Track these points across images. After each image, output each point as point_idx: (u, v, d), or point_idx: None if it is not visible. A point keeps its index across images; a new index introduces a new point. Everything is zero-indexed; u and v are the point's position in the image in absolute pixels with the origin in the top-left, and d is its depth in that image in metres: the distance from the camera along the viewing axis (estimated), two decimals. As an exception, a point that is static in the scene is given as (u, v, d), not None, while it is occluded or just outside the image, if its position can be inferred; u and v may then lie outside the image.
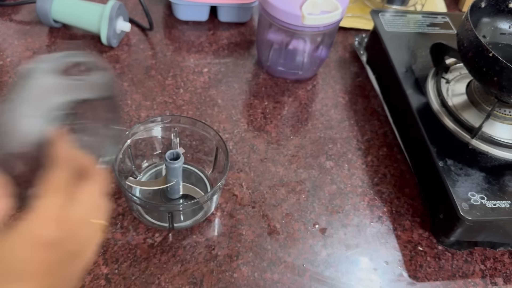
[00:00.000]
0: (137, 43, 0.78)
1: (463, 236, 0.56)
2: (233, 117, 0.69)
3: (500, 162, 0.58)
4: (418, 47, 0.73)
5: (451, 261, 0.56)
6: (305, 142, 0.67)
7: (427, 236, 0.58)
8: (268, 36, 0.72)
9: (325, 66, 0.79)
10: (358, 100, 0.75)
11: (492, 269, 0.56)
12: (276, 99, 0.73)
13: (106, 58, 0.75)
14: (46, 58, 0.35)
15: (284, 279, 0.53)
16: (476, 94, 0.63)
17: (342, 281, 0.53)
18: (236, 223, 0.57)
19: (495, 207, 0.53)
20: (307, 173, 0.63)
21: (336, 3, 0.66)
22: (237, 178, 0.61)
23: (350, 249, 0.56)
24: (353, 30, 0.86)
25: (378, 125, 0.71)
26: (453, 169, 0.56)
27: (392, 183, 0.64)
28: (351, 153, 0.67)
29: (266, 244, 0.55)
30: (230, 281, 0.52)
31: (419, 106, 0.64)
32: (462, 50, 0.59)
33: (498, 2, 0.63)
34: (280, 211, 0.59)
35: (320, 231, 0.57)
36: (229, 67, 0.77)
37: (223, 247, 0.54)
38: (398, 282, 0.54)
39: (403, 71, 0.68)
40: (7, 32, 0.76)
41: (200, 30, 0.82)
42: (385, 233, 0.58)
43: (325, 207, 0.60)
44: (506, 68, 0.52)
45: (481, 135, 0.59)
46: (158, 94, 0.70)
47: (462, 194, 0.54)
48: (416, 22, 0.77)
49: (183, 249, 0.54)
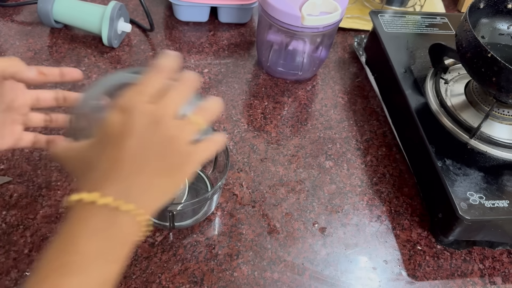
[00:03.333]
0: (138, 43, 0.79)
1: (461, 235, 0.56)
2: (233, 117, 0.69)
3: (498, 162, 0.58)
4: (417, 47, 0.73)
5: (449, 260, 0.57)
6: (304, 142, 0.67)
7: (426, 235, 0.59)
8: (268, 36, 0.72)
9: (325, 67, 0.80)
10: (357, 101, 0.75)
11: (490, 268, 0.57)
12: (276, 99, 0.73)
13: (107, 59, 0.75)
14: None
15: (284, 278, 0.53)
16: (474, 94, 0.64)
17: (342, 280, 0.54)
18: (236, 222, 0.57)
19: (494, 206, 0.53)
20: (307, 173, 0.64)
21: (335, 4, 0.66)
22: (237, 177, 0.62)
23: (349, 248, 0.57)
24: (352, 31, 0.87)
25: (377, 125, 0.71)
26: (451, 169, 0.57)
27: (391, 182, 0.64)
28: (351, 153, 0.67)
29: (266, 243, 0.56)
30: (230, 280, 0.52)
31: (418, 106, 0.64)
32: (461, 50, 0.59)
33: (496, 3, 0.63)
34: (280, 211, 0.59)
35: (320, 231, 0.58)
36: (229, 67, 0.77)
37: (223, 246, 0.55)
38: (397, 281, 0.54)
39: (402, 72, 0.69)
40: (8, 32, 0.77)
41: (200, 31, 0.83)
42: (384, 232, 0.59)
43: (324, 206, 0.60)
44: (504, 68, 0.52)
45: (479, 135, 0.59)
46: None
47: (460, 193, 0.54)
48: (415, 22, 0.78)
49: (183, 248, 0.54)
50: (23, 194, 0.56)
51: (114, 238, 0.32)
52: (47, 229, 0.53)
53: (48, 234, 0.53)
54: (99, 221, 0.32)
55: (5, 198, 0.56)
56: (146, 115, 0.34)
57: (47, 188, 0.57)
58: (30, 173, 0.58)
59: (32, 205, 0.55)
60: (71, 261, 0.30)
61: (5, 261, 0.50)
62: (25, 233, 0.53)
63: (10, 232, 0.53)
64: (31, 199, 0.56)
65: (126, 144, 0.33)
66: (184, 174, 0.36)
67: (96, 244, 0.31)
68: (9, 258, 0.51)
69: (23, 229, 0.53)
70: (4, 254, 0.51)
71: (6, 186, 0.57)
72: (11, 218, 0.54)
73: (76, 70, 0.45)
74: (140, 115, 0.34)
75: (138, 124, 0.34)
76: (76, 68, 0.45)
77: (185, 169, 0.36)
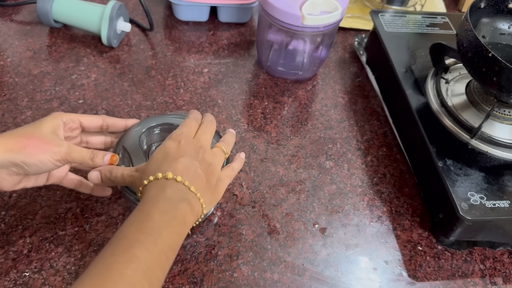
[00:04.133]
0: (138, 43, 0.79)
1: (462, 235, 0.56)
2: (233, 117, 0.69)
3: (499, 162, 0.58)
4: (417, 47, 0.73)
5: (450, 261, 0.57)
6: (305, 142, 0.67)
7: (427, 235, 0.59)
8: (268, 36, 0.72)
9: (325, 67, 0.79)
10: (358, 100, 0.75)
11: (491, 269, 0.56)
12: (276, 99, 0.73)
13: (106, 59, 0.75)
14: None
15: (284, 278, 0.53)
16: (475, 94, 0.63)
17: (342, 280, 0.54)
18: (236, 222, 0.57)
19: (495, 207, 0.53)
20: (307, 173, 0.63)
21: (335, 3, 0.66)
22: (237, 178, 0.61)
23: (349, 248, 0.56)
24: (353, 31, 0.87)
25: (378, 125, 0.71)
26: (452, 169, 0.56)
27: (391, 183, 0.64)
28: (351, 153, 0.67)
29: (266, 244, 0.55)
30: (230, 280, 0.52)
31: (418, 106, 0.64)
32: (462, 50, 0.59)
33: (497, 3, 0.63)
34: (280, 211, 0.59)
35: (320, 231, 0.58)
36: (229, 67, 0.77)
37: (223, 247, 0.54)
38: (397, 281, 0.54)
39: (403, 71, 0.68)
40: (7, 32, 0.77)
41: (200, 30, 0.83)
42: (384, 232, 0.58)
43: (325, 207, 0.60)
44: (505, 68, 0.52)
45: (480, 135, 0.59)
46: (159, 94, 0.71)
47: (461, 194, 0.54)
48: (416, 22, 0.77)
49: (183, 249, 0.54)
50: (22, 194, 0.56)
51: (180, 214, 0.41)
52: (46, 230, 0.53)
53: (47, 235, 0.53)
54: (172, 192, 0.42)
55: (4, 198, 0.55)
56: (193, 144, 0.47)
57: (46, 189, 0.57)
58: (29, 173, 0.58)
59: (31, 205, 0.55)
60: (146, 226, 0.39)
61: (4, 262, 0.50)
62: (24, 233, 0.53)
63: (9, 232, 0.53)
64: (30, 199, 0.56)
65: (181, 160, 0.44)
66: (219, 194, 0.47)
67: (167, 217, 0.40)
68: (8, 258, 0.51)
69: (22, 229, 0.53)
70: (3, 254, 0.51)
71: (5, 186, 0.57)
72: (10, 219, 0.54)
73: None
74: (189, 143, 0.46)
75: (188, 149, 0.46)
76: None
77: (219, 190, 0.47)
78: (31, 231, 0.53)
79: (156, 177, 0.43)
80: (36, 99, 0.67)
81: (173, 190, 0.42)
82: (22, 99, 0.67)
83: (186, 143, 0.46)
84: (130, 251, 0.37)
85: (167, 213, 0.40)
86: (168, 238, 0.39)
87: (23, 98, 0.67)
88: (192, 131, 0.48)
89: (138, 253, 0.36)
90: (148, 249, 0.37)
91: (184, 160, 0.44)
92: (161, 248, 0.38)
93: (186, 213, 0.42)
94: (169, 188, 0.42)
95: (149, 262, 0.37)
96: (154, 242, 0.38)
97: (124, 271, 0.35)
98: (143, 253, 0.37)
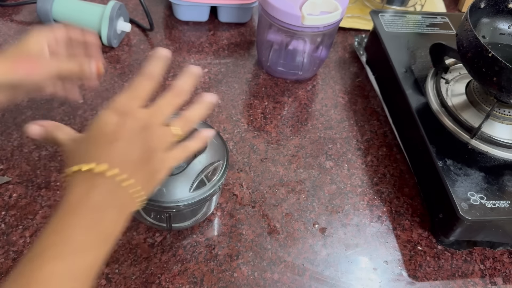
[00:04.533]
0: (138, 43, 0.79)
1: (462, 235, 0.56)
2: (233, 117, 0.69)
3: (499, 162, 0.58)
4: (417, 47, 0.73)
5: (450, 261, 0.57)
6: (305, 142, 0.67)
7: (427, 235, 0.59)
8: (268, 36, 0.72)
9: (325, 67, 0.79)
10: (358, 100, 0.75)
11: (491, 269, 0.56)
12: (276, 99, 0.73)
13: (106, 59, 0.75)
14: None
15: (284, 278, 0.53)
16: (475, 94, 0.63)
17: (342, 280, 0.54)
18: (236, 222, 0.57)
19: (495, 207, 0.53)
20: (307, 173, 0.63)
21: (335, 3, 0.66)
22: (237, 178, 0.62)
23: (349, 248, 0.56)
24: (353, 31, 0.87)
25: (378, 125, 0.71)
26: (452, 169, 0.56)
27: (391, 183, 0.64)
28: (351, 153, 0.67)
29: (266, 244, 0.55)
30: (230, 280, 0.52)
31: (418, 106, 0.64)
32: (462, 50, 0.59)
33: (497, 3, 0.63)
34: (280, 211, 0.59)
35: (320, 231, 0.58)
36: (229, 67, 0.77)
37: (223, 247, 0.54)
38: (397, 281, 0.54)
39: (403, 71, 0.68)
40: (8, 32, 0.77)
41: (200, 30, 0.83)
42: (384, 232, 0.58)
43: (324, 206, 0.60)
44: (505, 68, 0.52)
45: (480, 135, 0.59)
46: (159, 94, 0.70)
47: (461, 194, 0.54)
48: (416, 22, 0.77)
49: (183, 249, 0.54)
50: (22, 194, 0.56)
51: (107, 229, 0.36)
52: (46, 230, 0.53)
53: (47, 235, 0.53)
54: (99, 194, 0.36)
55: (4, 198, 0.55)
56: (137, 121, 0.38)
57: (46, 188, 0.57)
58: (30, 173, 0.58)
59: (32, 205, 0.55)
60: (63, 248, 0.34)
61: (4, 262, 0.50)
62: (24, 233, 0.53)
63: (10, 232, 0.53)
64: (30, 199, 0.56)
65: (116, 145, 0.37)
66: (157, 181, 0.40)
67: (91, 235, 0.35)
68: (8, 258, 0.51)
69: (22, 229, 0.53)
70: (3, 254, 0.51)
71: (5, 186, 0.57)
72: (10, 219, 0.54)
73: None
74: (132, 120, 0.38)
75: (129, 128, 0.38)
76: None
77: (157, 176, 0.40)
78: (31, 231, 0.53)
79: (81, 169, 0.36)
80: (36, 99, 0.67)
81: (101, 191, 0.36)
82: (22, 99, 0.67)
83: (128, 119, 0.38)
84: (43, 275, 0.32)
85: (91, 229, 0.35)
86: (91, 260, 0.34)
87: (23, 98, 0.67)
88: (141, 97, 0.40)
89: (53, 280, 0.32)
90: (64, 275, 0.33)
91: (120, 145, 0.37)
92: (82, 272, 0.34)
93: (115, 225, 0.37)
94: (97, 189, 0.36)
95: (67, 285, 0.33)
96: (72, 268, 0.33)
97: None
98: (59, 279, 0.33)
